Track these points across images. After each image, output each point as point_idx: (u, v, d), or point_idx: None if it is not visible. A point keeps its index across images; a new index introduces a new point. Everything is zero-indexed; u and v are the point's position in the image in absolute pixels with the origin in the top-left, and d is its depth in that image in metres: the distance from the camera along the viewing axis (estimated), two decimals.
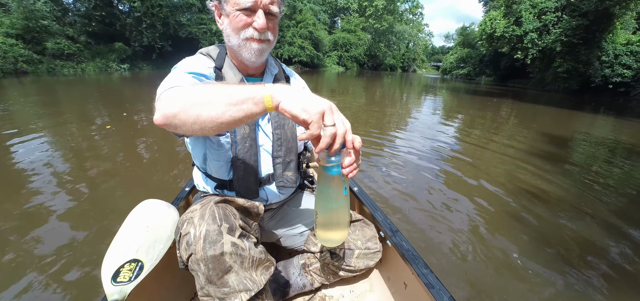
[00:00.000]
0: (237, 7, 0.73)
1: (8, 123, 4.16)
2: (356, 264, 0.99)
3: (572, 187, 2.87)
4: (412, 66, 53.10)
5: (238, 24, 0.76)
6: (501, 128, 5.77)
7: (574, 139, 5.29)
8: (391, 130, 4.96)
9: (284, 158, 0.91)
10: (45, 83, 10.48)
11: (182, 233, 0.68)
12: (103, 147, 3.44)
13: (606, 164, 3.75)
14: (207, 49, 0.88)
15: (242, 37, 0.77)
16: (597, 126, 6.88)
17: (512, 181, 2.89)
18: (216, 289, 0.65)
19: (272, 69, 0.94)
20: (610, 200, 2.64)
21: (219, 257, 0.63)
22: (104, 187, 2.44)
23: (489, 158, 3.63)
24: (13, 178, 2.56)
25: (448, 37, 69.35)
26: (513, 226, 2.08)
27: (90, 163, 2.90)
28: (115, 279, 0.68)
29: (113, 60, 16.67)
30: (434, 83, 21.37)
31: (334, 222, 0.68)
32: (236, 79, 0.83)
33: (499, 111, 8.24)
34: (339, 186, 0.62)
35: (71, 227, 1.88)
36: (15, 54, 14.10)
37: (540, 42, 15.23)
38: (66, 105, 6.26)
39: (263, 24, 0.75)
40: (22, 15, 15.12)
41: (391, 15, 41.30)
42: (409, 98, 10.85)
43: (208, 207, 0.68)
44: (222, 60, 0.84)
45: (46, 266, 1.55)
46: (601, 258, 1.79)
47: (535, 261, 1.71)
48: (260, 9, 0.74)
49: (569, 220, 2.21)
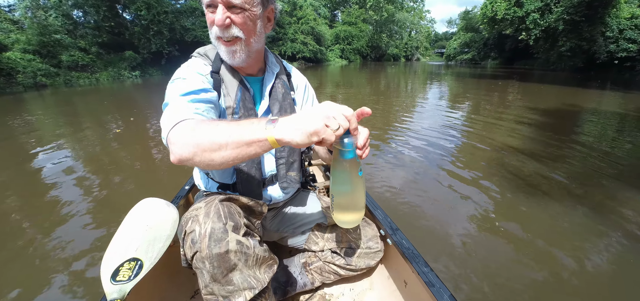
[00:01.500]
0: (204, 6, 0.72)
1: (33, 135, 4.52)
2: (357, 263, 0.99)
3: (581, 175, 2.73)
4: (415, 54, 52.68)
5: (207, 22, 0.74)
6: (507, 112, 5.70)
7: (583, 117, 5.31)
8: (394, 122, 4.97)
9: (288, 158, 0.92)
10: (63, 95, 11.06)
11: (187, 231, 0.67)
12: (112, 149, 3.73)
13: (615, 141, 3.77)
14: (205, 49, 0.86)
15: (212, 36, 0.75)
16: (605, 101, 6.96)
17: (517, 174, 2.78)
18: (220, 287, 0.65)
19: (273, 67, 0.91)
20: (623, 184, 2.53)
21: (224, 255, 0.64)
22: (111, 186, 2.63)
23: (493, 149, 3.50)
24: (36, 183, 2.83)
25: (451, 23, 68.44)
26: (516, 223, 2.02)
27: (99, 166, 3.13)
28: (114, 278, 0.68)
29: (124, 69, 17.35)
30: (438, 70, 21.14)
31: (352, 204, 0.70)
32: (235, 80, 0.82)
33: (505, 94, 8.23)
34: (355, 168, 0.64)
35: (72, 227, 2.01)
36: (34, 69, 14.76)
37: (543, 21, 15.19)
38: (83, 115, 6.70)
39: (220, 19, 0.69)
40: (37, 31, 15.78)
41: (391, 4, 41.05)
42: (411, 88, 10.85)
43: (213, 205, 0.68)
44: (219, 61, 0.82)
45: (57, 261, 1.66)
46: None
47: (537, 260, 1.66)
48: (220, 4, 0.69)
49: (575, 215, 2.10)
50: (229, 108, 0.81)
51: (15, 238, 1.93)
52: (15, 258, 1.74)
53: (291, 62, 27.18)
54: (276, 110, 0.88)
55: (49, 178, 2.88)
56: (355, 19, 38.88)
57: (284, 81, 0.93)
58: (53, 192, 2.58)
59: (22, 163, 3.32)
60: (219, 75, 0.81)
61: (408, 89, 10.36)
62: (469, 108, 6.23)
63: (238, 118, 0.81)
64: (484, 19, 18.07)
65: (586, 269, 1.62)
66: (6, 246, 1.85)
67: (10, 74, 14.18)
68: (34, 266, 1.64)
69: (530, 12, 15.37)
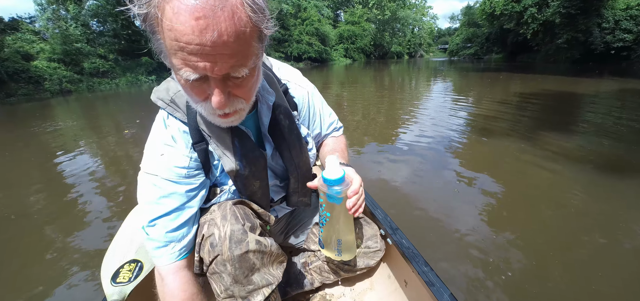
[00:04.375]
0: (185, 80, 0.47)
1: (59, 139, 4.90)
2: (356, 263, 0.98)
3: (583, 176, 2.58)
4: (418, 51, 52.83)
5: (191, 96, 0.52)
6: (508, 104, 5.81)
7: (584, 102, 5.58)
8: (396, 119, 5.01)
9: (301, 190, 0.86)
10: (86, 100, 11.68)
11: (205, 235, 0.64)
12: (117, 150, 3.99)
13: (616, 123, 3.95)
14: (169, 94, 0.64)
15: (199, 109, 0.55)
16: (603, 88, 7.37)
17: (518, 171, 2.75)
18: (241, 288, 0.66)
19: (268, 96, 0.71)
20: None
21: (244, 256, 0.64)
22: (117, 187, 2.76)
23: (495, 145, 3.44)
24: (59, 183, 3.03)
25: (453, 18, 68.46)
26: (516, 222, 1.99)
27: (117, 167, 3.40)
28: (114, 279, 0.69)
29: (141, 74, 18.38)
30: (441, 66, 21.20)
31: (351, 241, 0.73)
32: (227, 136, 0.65)
33: (508, 86, 8.49)
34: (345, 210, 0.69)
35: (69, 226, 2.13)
36: (59, 76, 15.76)
37: (540, 16, 15.73)
38: (103, 118, 7.42)
39: (220, 101, 0.49)
40: (60, 41, 16.78)
41: (394, 2, 41.63)
42: (415, 84, 11.11)
43: (227, 208, 0.67)
44: (195, 112, 0.62)
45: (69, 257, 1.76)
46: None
47: (538, 258, 1.63)
48: (215, 79, 0.47)
49: (575, 217, 2.01)
50: (232, 172, 0.68)
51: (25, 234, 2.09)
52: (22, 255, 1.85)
53: (297, 62, 28.01)
54: (284, 149, 0.76)
55: (68, 178, 3.08)
56: (358, 18, 39.51)
57: (286, 108, 0.75)
58: (70, 192, 2.72)
59: (45, 163, 3.68)
60: (203, 141, 0.66)
61: (411, 86, 10.64)
62: (471, 103, 6.32)
63: (244, 175, 0.70)
64: (483, 14, 18.67)
65: (602, 268, 1.54)
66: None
67: (38, 81, 15.21)
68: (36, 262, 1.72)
69: (528, 6, 15.93)
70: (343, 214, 0.69)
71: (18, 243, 2.01)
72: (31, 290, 1.47)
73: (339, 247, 0.73)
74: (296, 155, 0.79)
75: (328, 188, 0.66)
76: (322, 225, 0.73)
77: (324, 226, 0.73)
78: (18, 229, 2.18)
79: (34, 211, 2.44)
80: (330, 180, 0.66)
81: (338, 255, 0.75)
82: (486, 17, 18.54)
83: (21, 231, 2.15)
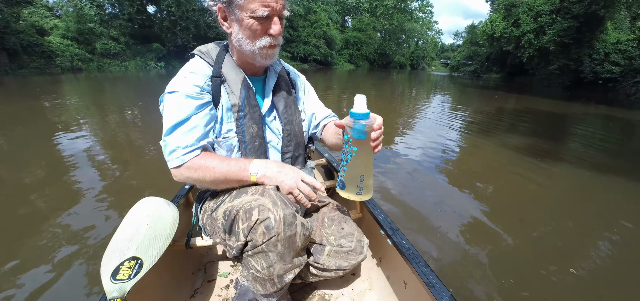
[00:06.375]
0: (253, 16, 0.75)
1: (65, 114, 5.12)
2: (326, 263, 0.90)
3: (569, 181, 3.00)
4: (421, 64, 53.65)
5: (254, 32, 0.78)
6: (503, 120, 6.29)
7: (570, 133, 5.87)
8: (396, 126, 5.24)
9: (294, 152, 0.96)
10: (95, 80, 12.09)
11: (259, 219, 0.69)
12: (117, 131, 4.11)
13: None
14: (207, 48, 0.89)
15: (258, 45, 0.79)
16: (590, 111, 8.19)
17: (514, 177, 2.92)
18: (283, 266, 0.73)
19: (275, 66, 0.95)
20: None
21: (293, 237, 0.71)
22: (123, 175, 2.74)
23: (490, 154, 3.72)
24: (57, 162, 3.04)
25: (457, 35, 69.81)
26: (516, 223, 2.08)
27: (117, 152, 3.42)
28: (114, 277, 0.70)
29: (151, 59, 18.88)
30: (441, 81, 21.97)
31: (371, 182, 0.78)
32: (238, 79, 0.85)
33: (504, 104, 9.18)
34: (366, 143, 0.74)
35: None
36: (72, 53, 16.17)
37: (537, 42, 16.61)
38: (109, 98, 7.75)
39: (279, 29, 0.79)
40: (75, 19, 17.10)
41: (401, 14, 42.56)
42: (415, 95, 11.74)
43: (271, 193, 0.74)
44: (221, 61, 0.86)
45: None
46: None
47: (537, 257, 1.66)
48: (276, 16, 0.77)
49: (571, 218, 2.18)
50: (235, 106, 0.84)
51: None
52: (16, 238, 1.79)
53: (302, 63, 28.70)
54: (281, 107, 0.93)
55: (67, 158, 3.07)
56: (365, 26, 40.33)
57: (287, 80, 0.98)
58: (68, 173, 2.70)
59: (48, 139, 3.72)
60: (219, 77, 0.84)
61: (412, 96, 11.25)
62: (467, 116, 6.80)
63: (244, 115, 0.85)
64: (484, 35, 19.54)
65: (598, 267, 1.63)
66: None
67: (50, 56, 15.63)
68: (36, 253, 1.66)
69: (526, 32, 16.77)
70: (368, 150, 0.74)
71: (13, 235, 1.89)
72: (31, 290, 1.42)
73: (361, 184, 0.75)
74: (291, 114, 0.95)
75: (355, 123, 0.70)
76: (345, 164, 0.75)
77: (348, 164, 0.75)
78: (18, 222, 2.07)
79: (31, 191, 2.37)
80: (359, 114, 0.70)
81: (359, 193, 0.77)
82: (486, 38, 19.43)
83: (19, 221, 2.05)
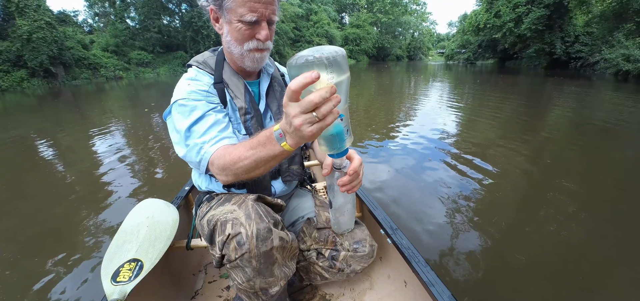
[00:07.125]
0: (241, 20, 0.74)
1: (106, 117, 5.82)
2: (342, 266, 0.94)
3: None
4: (418, 55, 55.13)
5: (242, 36, 0.77)
6: (490, 101, 6.96)
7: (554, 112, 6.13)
8: (390, 118, 5.32)
9: (290, 157, 0.94)
10: (133, 87, 13.76)
11: (231, 235, 0.69)
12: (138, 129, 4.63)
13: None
14: (203, 57, 0.89)
15: (245, 48, 0.79)
16: (564, 91, 9.14)
17: (514, 172, 2.81)
18: (263, 280, 0.72)
19: (268, 69, 0.95)
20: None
21: (269, 252, 0.69)
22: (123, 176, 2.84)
23: (490, 147, 3.57)
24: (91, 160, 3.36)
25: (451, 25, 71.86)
26: (515, 221, 2.02)
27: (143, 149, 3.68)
28: (115, 279, 0.69)
29: (178, 65, 21.47)
30: (435, 69, 23.10)
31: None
32: (240, 85, 0.86)
33: (495, 86, 10.36)
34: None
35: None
36: (113, 64, 18.86)
37: (516, 30, 19.10)
38: (143, 101, 8.87)
39: (266, 35, 0.77)
40: (112, 34, 19.73)
41: (397, 8, 44.75)
42: (409, 86, 12.49)
43: (249, 205, 0.72)
44: (221, 68, 0.86)
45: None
46: None
47: (536, 257, 1.65)
48: (264, 21, 0.76)
49: (573, 216, 2.07)
50: (242, 109, 0.85)
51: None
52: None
53: None
54: (275, 108, 0.93)
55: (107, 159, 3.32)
56: (362, 22, 42.41)
57: (280, 81, 0.98)
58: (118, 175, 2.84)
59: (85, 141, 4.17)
60: (221, 83, 0.85)
61: (410, 85, 12.18)
62: (462, 102, 7.10)
63: (251, 117, 0.86)
64: (470, 26, 22.05)
65: (595, 256, 1.64)
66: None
67: (95, 67, 18.30)
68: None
69: (506, 22, 19.30)
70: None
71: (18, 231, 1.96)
72: (30, 288, 1.41)
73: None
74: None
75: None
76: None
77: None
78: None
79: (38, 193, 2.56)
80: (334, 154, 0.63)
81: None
82: (472, 29, 21.97)
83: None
